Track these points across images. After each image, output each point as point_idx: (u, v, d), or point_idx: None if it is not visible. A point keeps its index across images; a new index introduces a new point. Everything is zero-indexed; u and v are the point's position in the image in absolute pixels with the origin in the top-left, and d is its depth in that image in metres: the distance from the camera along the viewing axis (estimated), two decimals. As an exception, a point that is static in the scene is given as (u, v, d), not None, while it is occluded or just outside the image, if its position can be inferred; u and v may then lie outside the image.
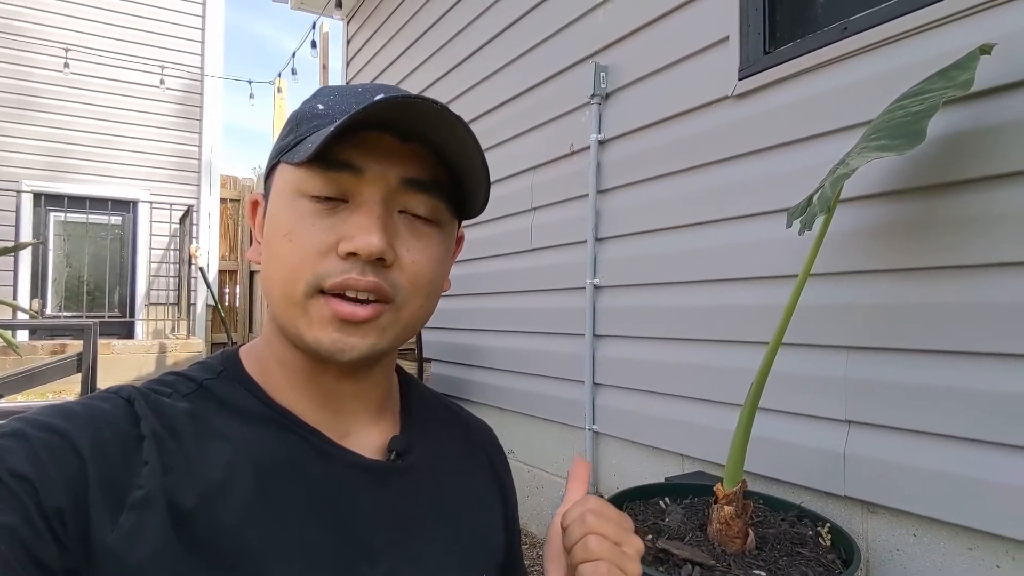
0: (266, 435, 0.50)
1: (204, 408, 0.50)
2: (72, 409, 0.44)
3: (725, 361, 1.82)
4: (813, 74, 1.60)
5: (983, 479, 1.24)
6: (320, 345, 0.49)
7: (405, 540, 0.53)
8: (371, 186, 0.49)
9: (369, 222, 0.48)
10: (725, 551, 1.28)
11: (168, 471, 0.44)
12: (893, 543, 1.41)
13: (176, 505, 0.43)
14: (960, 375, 1.29)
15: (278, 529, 0.46)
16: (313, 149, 0.45)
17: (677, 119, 2.01)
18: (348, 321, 0.48)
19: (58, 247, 7.13)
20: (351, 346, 0.49)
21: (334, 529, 0.49)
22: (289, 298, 0.49)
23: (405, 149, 0.50)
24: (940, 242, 1.32)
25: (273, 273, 0.50)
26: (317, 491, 0.50)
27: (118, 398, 0.47)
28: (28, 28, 6.84)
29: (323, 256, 0.48)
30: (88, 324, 2.99)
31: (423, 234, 0.52)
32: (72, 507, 0.39)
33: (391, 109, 0.46)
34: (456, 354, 3.32)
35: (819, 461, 1.53)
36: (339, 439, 0.54)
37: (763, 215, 1.71)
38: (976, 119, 1.27)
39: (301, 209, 0.49)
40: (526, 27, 2.78)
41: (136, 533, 0.41)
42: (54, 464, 0.40)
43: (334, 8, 4.73)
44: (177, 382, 0.52)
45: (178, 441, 0.46)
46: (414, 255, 0.51)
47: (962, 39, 1.28)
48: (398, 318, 0.51)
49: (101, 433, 0.43)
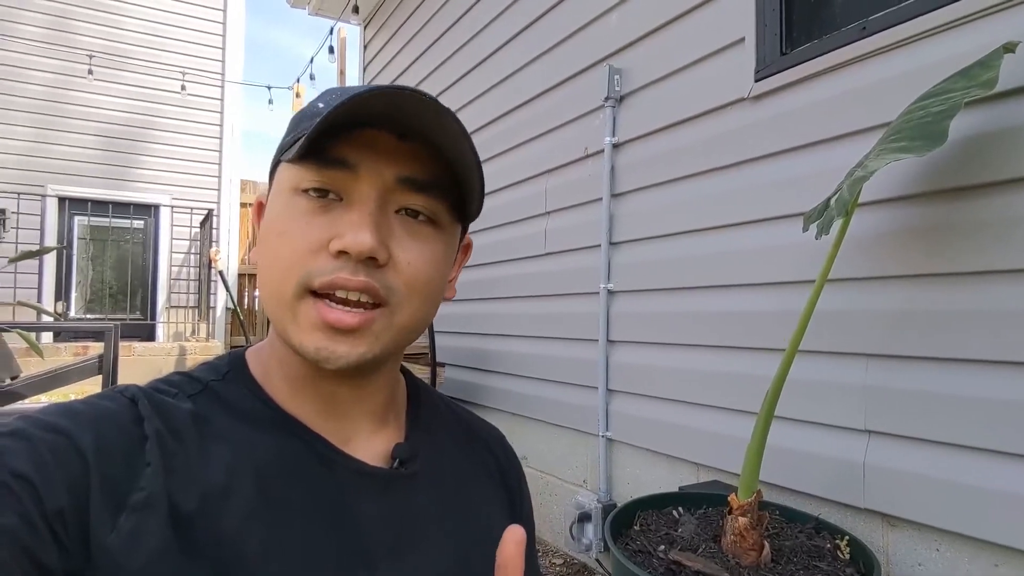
0: (269, 439, 0.49)
1: (208, 410, 0.49)
2: (75, 408, 0.44)
3: (740, 368, 1.78)
4: (831, 75, 1.56)
5: (1011, 493, 1.19)
6: (305, 351, 0.48)
7: (407, 548, 0.52)
8: (365, 184, 0.48)
9: (361, 219, 0.47)
10: (739, 563, 1.25)
11: (170, 473, 0.43)
12: (915, 558, 1.36)
13: (177, 507, 0.42)
14: (985, 384, 1.24)
15: (278, 534, 0.46)
16: (303, 144, 0.45)
17: (692, 122, 1.99)
18: (335, 328, 0.47)
19: (82, 251, 7.27)
20: (337, 355, 0.47)
21: (335, 536, 0.48)
22: (280, 298, 0.48)
23: (403, 148, 0.48)
24: (961, 247, 1.28)
25: (266, 272, 0.50)
26: (319, 497, 0.49)
27: (122, 397, 0.46)
28: (53, 35, 7.00)
29: (315, 254, 0.47)
30: (109, 326, 3.03)
31: (421, 235, 0.51)
32: (73, 508, 0.39)
33: (375, 100, 0.45)
34: (470, 359, 3.31)
35: (838, 472, 1.49)
36: (342, 445, 0.53)
37: (780, 219, 1.68)
38: (998, 121, 1.23)
39: (296, 207, 0.48)
40: (540, 31, 2.76)
41: (136, 535, 0.40)
42: (56, 464, 0.39)
43: (351, 13, 4.76)
44: (183, 383, 0.51)
45: (180, 442, 0.45)
46: (410, 256, 0.49)
47: (985, 38, 1.24)
48: (392, 323, 0.49)
49: (104, 433, 0.43)
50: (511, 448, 0.72)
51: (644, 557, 1.32)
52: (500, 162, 3.04)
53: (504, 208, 3.00)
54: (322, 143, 0.46)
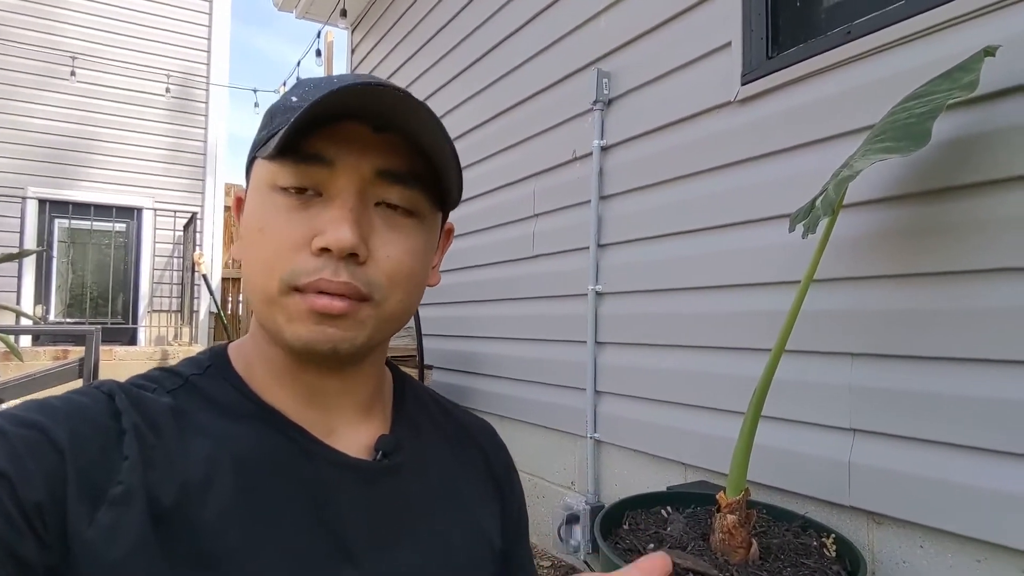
0: (249, 432, 0.49)
1: (188, 404, 0.49)
2: (51, 404, 0.44)
3: (727, 368, 1.79)
4: (817, 78, 1.59)
5: (993, 489, 1.21)
6: (299, 338, 0.48)
7: (390, 541, 0.52)
8: (343, 178, 0.48)
9: (341, 215, 0.47)
10: (728, 561, 1.25)
11: (148, 466, 0.43)
12: (900, 554, 1.38)
13: (156, 501, 0.42)
14: (968, 383, 1.26)
15: (258, 528, 0.45)
16: (278, 142, 0.45)
17: (680, 125, 2.00)
18: (324, 314, 0.47)
19: (62, 253, 7.16)
20: (329, 337, 0.48)
21: (316, 528, 0.48)
22: (265, 294, 0.48)
23: (379, 140, 0.48)
24: (946, 247, 1.30)
25: (249, 269, 0.50)
26: (300, 490, 0.49)
27: (99, 392, 0.46)
28: (35, 36, 6.90)
29: (296, 252, 0.47)
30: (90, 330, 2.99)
31: (400, 226, 0.51)
32: (50, 501, 0.39)
33: (351, 96, 0.45)
34: (457, 361, 3.30)
35: (824, 470, 1.50)
36: (324, 437, 0.52)
37: (766, 220, 1.70)
38: (981, 123, 1.25)
39: (274, 204, 0.48)
40: (529, 34, 2.78)
41: (114, 529, 0.40)
42: (32, 459, 0.39)
43: (339, 17, 4.75)
44: (163, 377, 0.51)
45: (159, 436, 0.45)
46: (389, 249, 0.49)
47: (968, 42, 1.26)
48: (378, 313, 0.50)
49: (80, 427, 0.42)
50: (500, 440, 0.72)
51: (633, 556, 1.32)
52: (489, 164, 3.05)
53: (493, 210, 3.00)
54: (297, 139, 0.46)
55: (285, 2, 5.00)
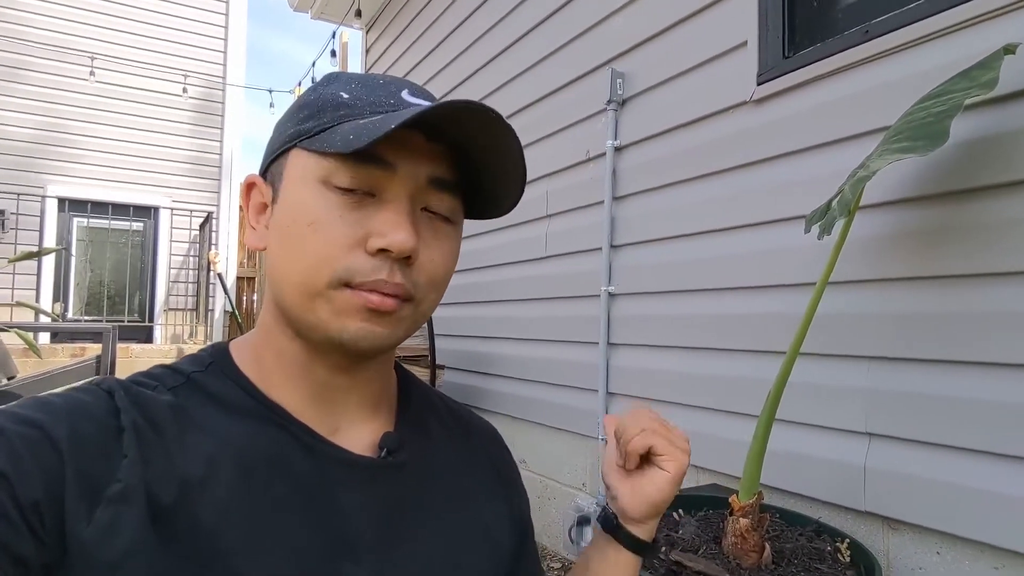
0: (251, 429, 0.49)
1: (189, 401, 0.49)
2: (50, 401, 0.44)
3: (741, 371, 1.78)
4: (834, 78, 1.57)
5: (1012, 495, 1.19)
6: (345, 332, 0.48)
7: (393, 539, 0.51)
8: (401, 183, 0.49)
9: (400, 219, 0.48)
10: (740, 565, 1.24)
11: (148, 464, 0.43)
12: (916, 561, 1.36)
13: (155, 499, 0.42)
14: (987, 387, 1.24)
15: (259, 526, 0.45)
16: (361, 144, 0.45)
17: (694, 125, 1.99)
18: (378, 311, 0.48)
19: (80, 252, 7.26)
20: (375, 334, 0.49)
21: (318, 526, 0.48)
22: (309, 287, 0.48)
23: (432, 148, 0.50)
24: (964, 249, 1.28)
25: (291, 262, 0.49)
26: (301, 487, 0.49)
27: (99, 390, 0.46)
28: (54, 37, 7.01)
29: (350, 250, 0.48)
30: (107, 328, 3.04)
31: (442, 232, 0.53)
32: (48, 500, 0.39)
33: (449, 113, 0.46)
34: (469, 362, 3.31)
35: (839, 475, 1.49)
36: (328, 434, 0.53)
37: (781, 222, 1.68)
38: (1001, 123, 1.23)
39: (328, 200, 0.48)
40: (543, 34, 2.77)
41: (112, 527, 0.40)
42: (30, 457, 0.39)
43: (354, 17, 4.77)
44: (164, 375, 0.51)
45: (159, 434, 0.45)
46: (433, 253, 0.51)
47: (987, 42, 1.24)
48: (414, 313, 0.52)
49: (79, 425, 0.42)
50: (504, 443, 0.72)
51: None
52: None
53: (505, 211, 3.00)
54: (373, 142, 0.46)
55: (301, 3, 5.03)
